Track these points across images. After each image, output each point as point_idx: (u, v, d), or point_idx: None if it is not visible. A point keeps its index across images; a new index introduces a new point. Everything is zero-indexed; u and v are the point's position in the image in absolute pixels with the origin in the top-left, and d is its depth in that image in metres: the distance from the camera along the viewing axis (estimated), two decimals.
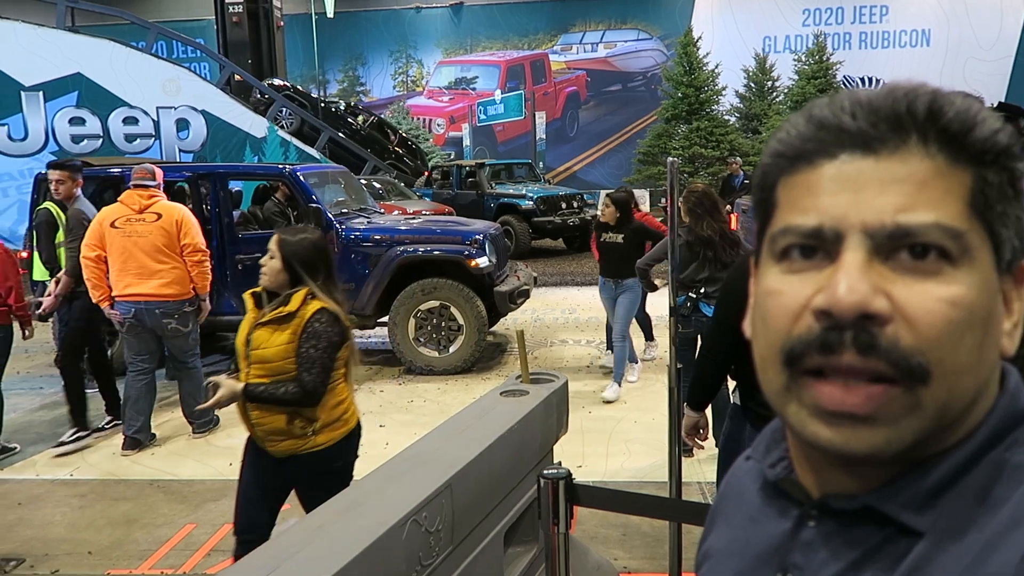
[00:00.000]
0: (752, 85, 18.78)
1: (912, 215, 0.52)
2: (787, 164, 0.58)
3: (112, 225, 4.97)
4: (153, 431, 5.21)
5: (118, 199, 5.17)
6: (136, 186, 5.11)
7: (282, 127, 14.34)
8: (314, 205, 6.54)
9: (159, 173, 5.29)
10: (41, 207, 6.16)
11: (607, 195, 5.96)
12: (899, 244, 0.52)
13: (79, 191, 5.32)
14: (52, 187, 5.23)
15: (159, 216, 5.00)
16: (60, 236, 6.05)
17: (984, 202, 0.54)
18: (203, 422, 5.34)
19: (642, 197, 21.37)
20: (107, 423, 5.39)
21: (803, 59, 17.26)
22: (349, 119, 16.17)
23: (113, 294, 4.96)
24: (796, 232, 0.55)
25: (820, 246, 0.55)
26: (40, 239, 5.99)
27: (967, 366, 0.53)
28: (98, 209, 5.87)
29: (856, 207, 0.53)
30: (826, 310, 0.52)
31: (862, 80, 23.04)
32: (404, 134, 17.86)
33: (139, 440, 5.06)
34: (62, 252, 6.01)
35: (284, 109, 14.73)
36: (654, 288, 5.44)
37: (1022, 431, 0.56)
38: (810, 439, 0.55)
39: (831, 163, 0.55)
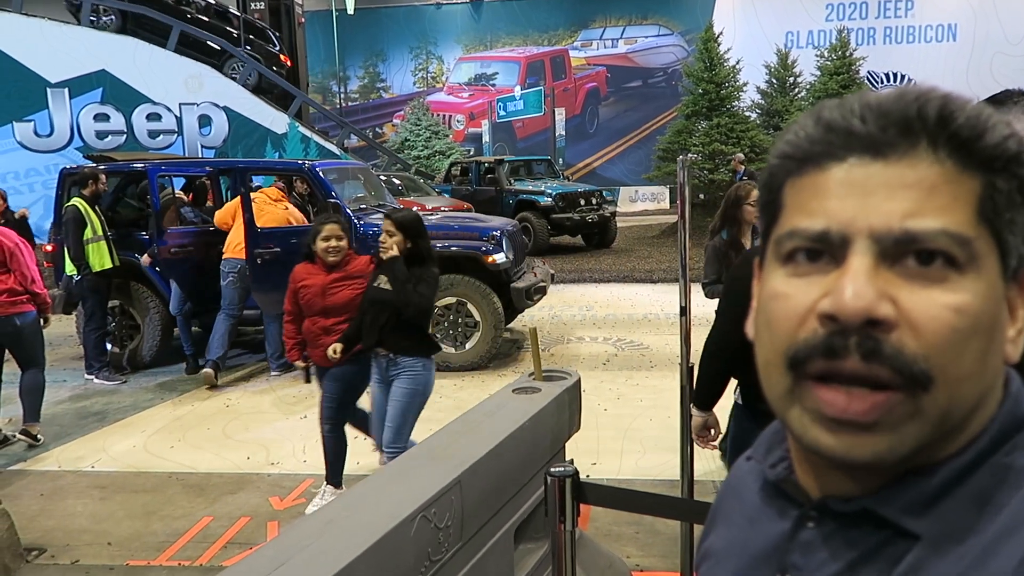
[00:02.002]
0: (774, 81, 18.58)
1: (920, 221, 0.52)
2: (794, 166, 0.58)
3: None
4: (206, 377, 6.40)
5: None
6: None
7: (104, 27, 13.21)
8: (333, 200, 6.58)
9: None
10: (69, 204, 6.25)
11: (388, 217, 3.63)
12: (906, 250, 0.52)
13: None
14: None
15: None
16: (88, 233, 6.15)
17: (993, 209, 0.54)
18: (280, 364, 6.58)
19: (661, 194, 21.31)
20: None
21: (826, 55, 17.05)
22: (183, 6, 14.15)
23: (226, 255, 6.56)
24: (802, 235, 0.55)
25: (826, 250, 0.54)
26: (68, 235, 6.08)
27: (970, 373, 0.53)
28: (102, 202, 6.38)
29: (864, 212, 0.53)
30: (832, 314, 0.52)
31: (886, 76, 22.76)
32: (248, 16, 15.47)
33: (219, 365, 6.42)
34: (90, 248, 6.12)
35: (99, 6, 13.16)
36: None
37: (1023, 436, 0.56)
38: (811, 445, 0.55)
39: (839, 166, 0.55)
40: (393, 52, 26.29)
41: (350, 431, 4.15)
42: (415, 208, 10.51)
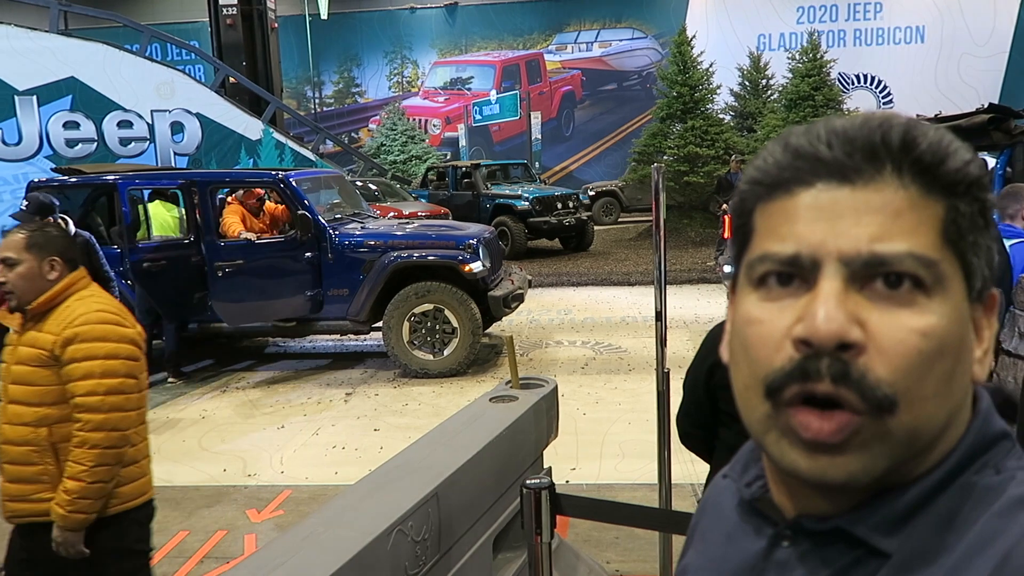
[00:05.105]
0: (747, 83, 18.76)
1: (887, 244, 0.53)
2: (764, 192, 0.59)
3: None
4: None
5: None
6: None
7: None
8: (302, 213, 6.50)
9: None
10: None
11: None
12: (874, 272, 0.53)
13: None
14: None
15: None
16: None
17: (957, 232, 0.55)
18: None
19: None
20: None
21: (797, 57, 17.23)
22: None
23: None
24: (774, 259, 0.57)
25: (797, 273, 0.56)
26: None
27: (935, 394, 0.54)
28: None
29: (832, 235, 0.54)
30: (805, 339, 0.53)
31: (857, 78, 23.06)
32: None
33: None
34: None
35: None
36: None
37: (992, 454, 0.58)
38: (789, 469, 0.56)
39: (808, 191, 0.56)
40: (368, 57, 26.17)
41: (335, 439, 4.12)
42: (391, 214, 10.49)
